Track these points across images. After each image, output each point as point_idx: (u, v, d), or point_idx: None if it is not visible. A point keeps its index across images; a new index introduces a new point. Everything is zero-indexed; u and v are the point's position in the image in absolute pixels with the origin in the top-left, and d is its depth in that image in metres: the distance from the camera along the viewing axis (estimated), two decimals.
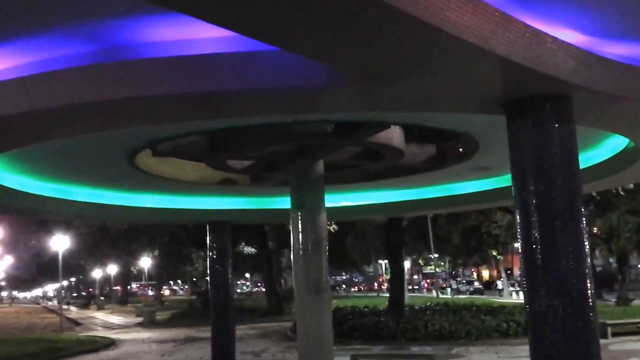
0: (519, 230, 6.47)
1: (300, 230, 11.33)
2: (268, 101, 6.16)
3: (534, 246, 6.25)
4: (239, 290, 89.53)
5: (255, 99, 6.02)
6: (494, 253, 56.79)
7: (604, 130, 8.20)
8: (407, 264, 74.10)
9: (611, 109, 6.93)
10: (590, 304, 6.06)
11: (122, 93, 5.76)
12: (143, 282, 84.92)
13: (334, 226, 41.54)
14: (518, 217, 6.49)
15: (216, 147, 10.71)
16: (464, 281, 66.06)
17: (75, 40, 5.79)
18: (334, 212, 17.77)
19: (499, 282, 60.98)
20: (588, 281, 6.12)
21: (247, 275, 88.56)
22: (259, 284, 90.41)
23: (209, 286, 17.74)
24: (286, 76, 5.75)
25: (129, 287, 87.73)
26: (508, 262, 67.87)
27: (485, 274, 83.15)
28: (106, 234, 41.70)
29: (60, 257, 34.71)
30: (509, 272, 66.14)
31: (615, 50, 6.60)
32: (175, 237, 45.90)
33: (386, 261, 60.85)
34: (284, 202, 16.42)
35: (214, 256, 17.04)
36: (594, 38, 6.39)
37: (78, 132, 7.26)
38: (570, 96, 6.41)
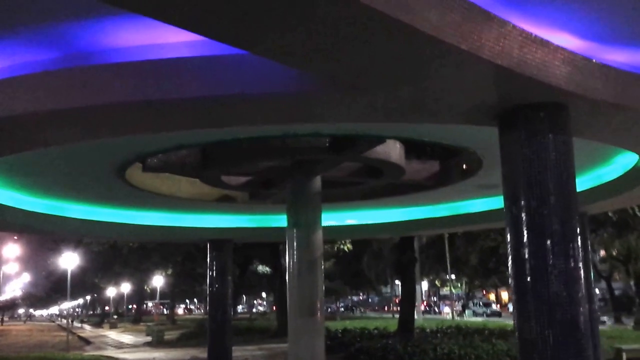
0: (509, 250, 5.99)
1: (295, 248, 10.91)
2: (236, 109, 5.78)
3: (524, 268, 5.77)
4: (253, 310, 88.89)
5: (222, 107, 5.65)
6: None
7: (607, 143, 7.70)
8: (424, 285, 73.12)
9: (613, 120, 6.45)
10: (584, 332, 5.55)
11: (83, 100, 5.43)
12: (157, 301, 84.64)
13: (348, 246, 41.04)
14: (508, 236, 6.02)
15: (209, 162, 10.38)
16: (481, 303, 64.88)
17: (35, 46, 5.49)
18: (338, 230, 17.36)
19: None
20: (582, 308, 5.61)
21: (264, 294, 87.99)
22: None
23: (208, 306, 17.37)
24: (255, 82, 5.38)
25: (144, 305, 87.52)
26: None
27: (505, 295, 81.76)
28: (118, 252, 41.41)
29: (69, 275, 34.49)
30: None
31: (616, 57, 6.15)
32: (190, 256, 45.54)
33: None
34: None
35: (214, 275, 16.67)
36: (593, 43, 5.94)
37: (40, 143, 6.92)
38: (565, 105, 5.95)
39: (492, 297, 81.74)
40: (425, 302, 68.52)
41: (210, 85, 5.34)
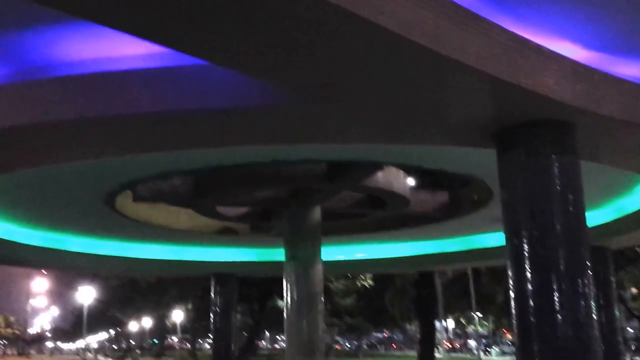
0: (510, 286, 5.25)
1: (293, 283, 10.23)
2: (198, 126, 5.20)
3: (527, 306, 5.03)
4: (276, 346, 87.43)
5: (178, 123, 5.07)
6: None
7: (621, 168, 6.91)
8: (451, 323, 71.16)
9: (626, 139, 5.72)
10: None
11: (24, 118, 4.90)
12: (180, 336, 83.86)
13: (369, 281, 40.11)
14: (509, 270, 5.29)
15: (201, 191, 9.83)
16: (509, 342, 63.03)
17: None
18: (348, 265, 16.58)
19: None
20: (593, 352, 4.84)
21: None
22: None
23: (212, 341, 16.74)
24: (218, 95, 4.80)
25: (166, 340, 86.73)
26: None
27: None
28: (136, 286, 41.00)
29: (85, 310, 34.10)
30: None
31: (626, 69, 5.47)
32: (209, 291, 44.94)
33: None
34: None
35: (217, 310, 16.03)
36: (600, 54, 5.28)
37: None
38: (570, 123, 5.27)
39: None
40: (449, 342, 66.52)
41: (166, 99, 4.78)
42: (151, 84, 4.79)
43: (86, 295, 33.95)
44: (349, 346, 78.72)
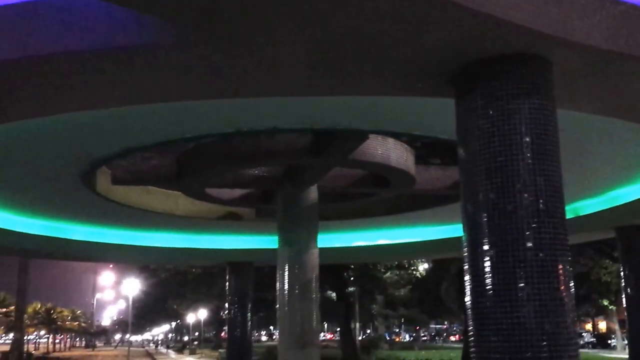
0: (465, 264, 4.22)
1: (285, 270, 9.35)
2: (62, 74, 4.29)
3: (483, 289, 3.99)
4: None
5: (46, 68, 4.19)
6: (605, 303, 51.16)
7: (609, 116, 5.55)
8: None
9: (611, 77, 4.52)
10: None
11: None
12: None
13: (420, 272, 38.90)
14: (465, 245, 4.25)
15: (183, 171, 9.07)
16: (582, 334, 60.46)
17: None
18: (366, 251, 15.51)
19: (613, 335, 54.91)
20: (562, 347, 3.75)
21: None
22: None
23: (227, 332, 16.15)
24: (86, 34, 3.93)
25: (223, 331, 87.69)
26: (622, 312, 61.02)
27: (603, 325, 75.91)
28: (184, 278, 41.02)
29: (130, 302, 34.25)
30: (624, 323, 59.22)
31: None
32: (261, 283, 44.53)
33: None
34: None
35: (233, 299, 15.40)
36: None
37: None
38: (540, 56, 4.17)
39: (588, 327, 76.33)
40: None
41: (28, 41, 3.96)
42: (9, 24, 3.98)
43: (131, 287, 34.06)
44: (408, 337, 77.40)
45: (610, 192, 10.36)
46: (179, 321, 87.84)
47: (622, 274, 12.47)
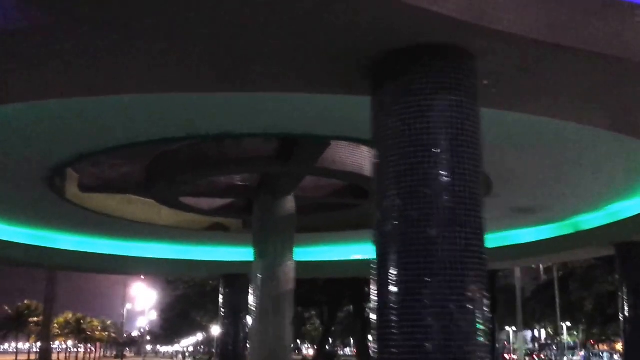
0: (372, 277, 3.75)
1: (258, 283, 8.92)
2: None
3: (389, 298, 3.52)
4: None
5: None
6: None
7: (542, 115, 4.88)
8: (543, 333, 66.92)
9: (545, 73, 3.99)
10: None
11: None
12: None
13: None
14: (375, 251, 3.78)
15: (150, 178, 8.75)
16: (599, 354, 58.46)
17: None
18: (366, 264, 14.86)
19: None
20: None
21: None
22: None
23: (219, 346, 15.81)
24: None
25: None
26: None
27: None
28: (203, 289, 40.85)
29: (150, 314, 34.16)
30: None
31: None
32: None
33: (514, 328, 55.20)
34: (312, 254, 14.00)
35: (225, 313, 15.03)
36: None
37: None
38: (460, 47, 3.71)
39: (618, 347, 73.88)
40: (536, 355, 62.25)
41: None
42: None
43: (146, 300, 33.99)
44: None
45: (609, 206, 9.74)
46: (204, 333, 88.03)
47: (619, 293, 11.74)
